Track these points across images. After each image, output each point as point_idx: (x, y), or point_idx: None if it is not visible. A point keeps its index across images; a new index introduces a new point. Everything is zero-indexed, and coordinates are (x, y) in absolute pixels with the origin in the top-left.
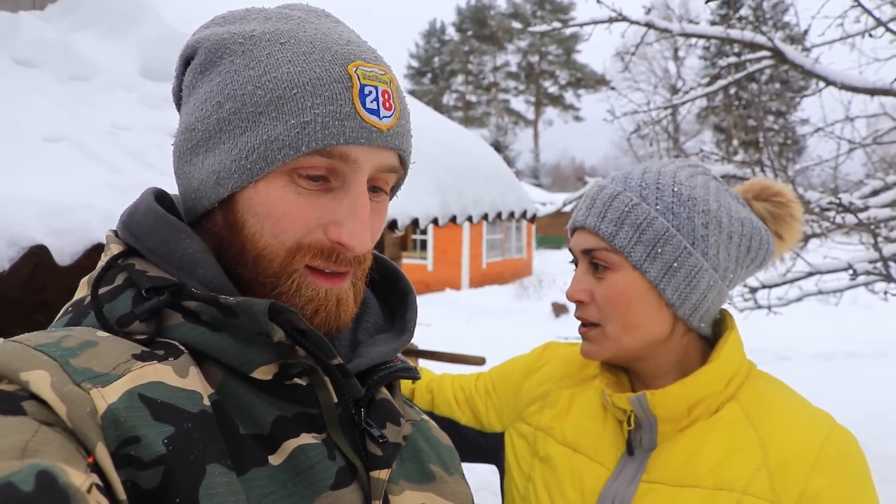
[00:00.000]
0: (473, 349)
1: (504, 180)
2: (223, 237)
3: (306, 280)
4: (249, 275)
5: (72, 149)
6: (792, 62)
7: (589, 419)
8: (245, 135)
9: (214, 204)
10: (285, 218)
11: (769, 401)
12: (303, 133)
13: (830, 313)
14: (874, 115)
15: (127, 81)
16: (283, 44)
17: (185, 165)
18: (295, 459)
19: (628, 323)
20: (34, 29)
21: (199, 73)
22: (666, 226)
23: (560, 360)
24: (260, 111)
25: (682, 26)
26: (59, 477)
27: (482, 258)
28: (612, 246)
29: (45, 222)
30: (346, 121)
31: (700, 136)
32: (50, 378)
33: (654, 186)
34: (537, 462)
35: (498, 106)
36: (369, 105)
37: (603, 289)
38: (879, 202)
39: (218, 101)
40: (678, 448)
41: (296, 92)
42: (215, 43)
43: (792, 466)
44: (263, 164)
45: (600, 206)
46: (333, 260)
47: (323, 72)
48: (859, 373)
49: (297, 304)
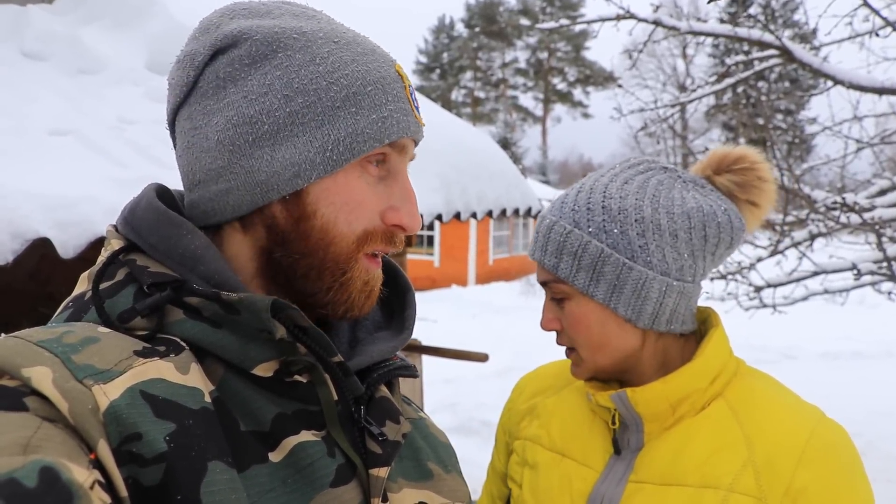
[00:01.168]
0: (479, 345)
1: (509, 177)
2: (285, 229)
3: (366, 265)
4: (318, 262)
5: (77, 142)
6: (800, 61)
7: (576, 423)
8: (323, 128)
9: (284, 196)
10: (360, 206)
11: (756, 397)
12: (383, 126)
13: (836, 313)
14: (883, 114)
15: (134, 75)
16: (337, 43)
17: (241, 159)
18: (295, 456)
19: (596, 344)
20: (42, 22)
21: (247, 64)
22: (600, 247)
23: (539, 376)
24: (337, 105)
25: (690, 24)
26: (62, 473)
27: (489, 255)
28: (558, 277)
29: (49, 215)
30: (409, 116)
31: (708, 133)
32: (52, 374)
33: (586, 208)
34: (527, 470)
35: (506, 102)
36: (416, 102)
37: (565, 317)
38: (886, 202)
39: (286, 95)
40: (665, 447)
41: (370, 89)
42: (267, 35)
43: (778, 462)
44: (349, 154)
45: (542, 239)
46: (392, 243)
47: (385, 72)
48: (865, 372)
49: (357, 288)
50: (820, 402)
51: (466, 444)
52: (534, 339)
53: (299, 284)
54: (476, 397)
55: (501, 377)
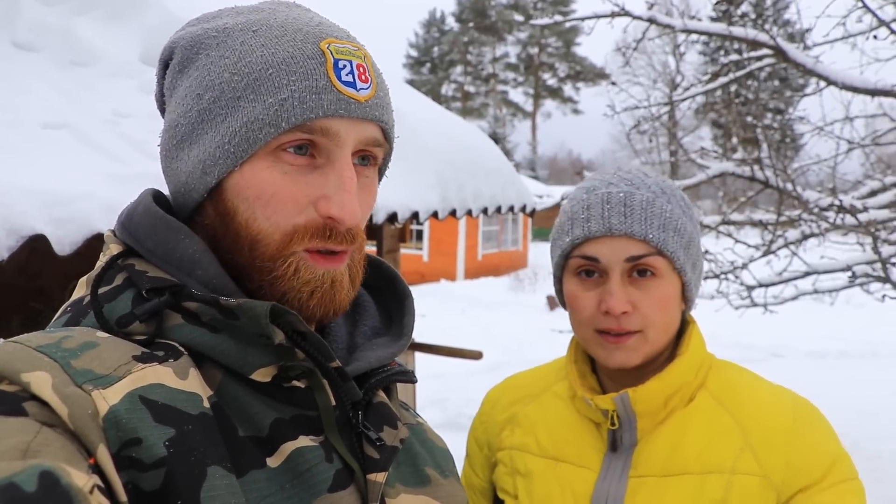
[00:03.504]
0: (468, 340)
1: (505, 174)
2: (216, 228)
3: (305, 263)
4: (246, 261)
5: (72, 136)
6: (793, 61)
7: (563, 427)
8: (226, 121)
9: (204, 195)
10: (275, 198)
11: (735, 385)
12: (281, 110)
13: (824, 312)
14: (873, 115)
15: (128, 68)
16: (255, 31)
17: (171, 162)
18: (293, 462)
19: (667, 325)
20: (34, 12)
21: (178, 72)
22: (691, 228)
23: (511, 387)
24: (238, 96)
25: (684, 22)
26: (62, 478)
27: (478, 249)
28: (661, 251)
29: (45, 212)
30: (323, 94)
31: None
32: (51, 379)
33: (667, 187)
34: (519, 479)
35: (496, 97)
36: (345, 78)
37: (650, 296)
38: (877, 203)
39: (198, 94)
40: (660, 440)
41: (271, 72)
42: (190, 41)
43: (773, 440)
44: (246, 145)
45: (640, 212)
46: (328, 237)
47: (296, 50)
48: (852, 372)
49: (293, 287)
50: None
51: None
52: (522, 335)
53: (241, 283)
54: (465, 393)
55: (491, 373)
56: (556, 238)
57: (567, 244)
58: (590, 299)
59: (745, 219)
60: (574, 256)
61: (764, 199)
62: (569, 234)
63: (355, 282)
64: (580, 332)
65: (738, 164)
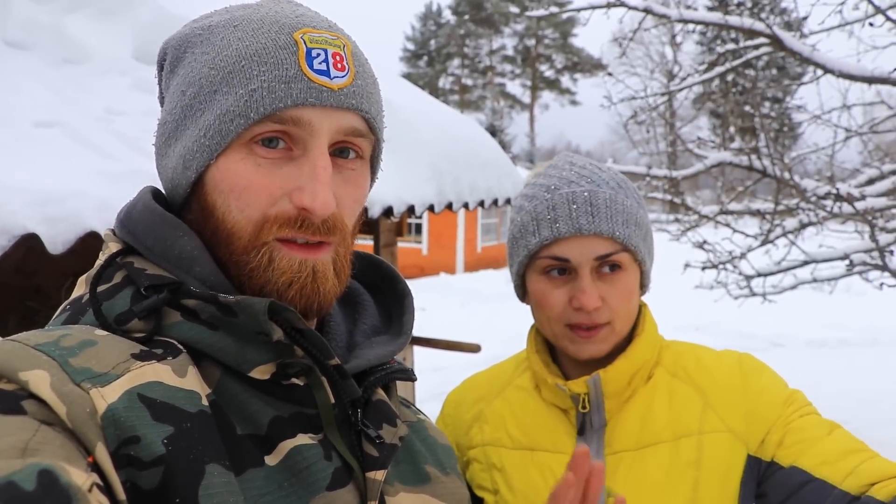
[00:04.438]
0: (468, 333)
1: (500, 166)
2: (199, 223)
3: (279, 252)
4: (225, 256)
5: (64, 134)
6: (790, 49)
7: (532, 416)
8: (203, 115)
9: (187, 191)
10: (247, 191)
11: (683, 357)
12: (251, 100)
13: (823, 300)
14: (871, 103)
15: (121, 65)
16: (236, 26)
17: (161, 160)
18: (291, 460)
19: (631, 314)
20: (26, 10)
21: (169, 72)
22: (645, 218)
23: (472, 386)
24: (215, 90)
25: (680, 12)
26: (61, 476)
27: (477, 242)
28: (626, 247)
29: (37, 210)
30: (293, 83)
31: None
32: (49, 378)
33: (622, 181)
34: (496, 473)
35: (494, 89)
36: (317, 66)
37: (617, 289)
38: (875, 191)
39: (181, 91)
40: (629, 417)
41: (243, 64)
42: (179, 41)
43: (728, 394)
44: (220, 137)
45: (605, 210)
46: (301, 227)
47: (268, 41)
48: (852, 360)
49: (269, 279)
50: (808, 390)
51: None
52: (522, 328)
53: (226, 276)
54: None
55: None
56: (520, 237)
57: (534, 244)
58: (560, 296)
59: (743, 208)
60: (542, 257)
61: (762, 188)
62: (535, 234)
63: (341, 275)
64: (549, 327)
65: (736, 154)
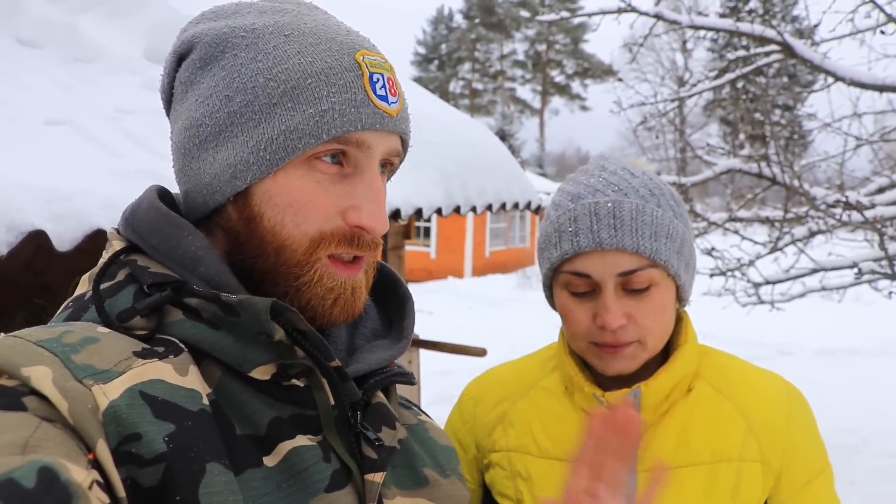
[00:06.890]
0: (475, 338)
1: (509, 171)
2: (238, 232)
3: (328, 270)
4: (271, 266)
5: (74, 132)
6: (801, 57)
7: (560, 424)
8: (260, 126)
9: (229, 198)
10: (307, 206)
11: (728, 371)
12: (322, 121)
13: (832, 309)
14: (882, 111)
15: (131, 64)
16: (288, 35)
17: (191, 162)
18: (290, 461)
19: (664, 330)
20: (38, 8)
21: (199, 68)
22: (682, 228)
23: (496, 382)
24: (274, 102)
25: (691, 18)
26: (61, 473)
27: (485, 247)
28: (654, 261)
29: (45, 208)
30: (362, 108)
31: (706, 128)
32: (51, 374)
33: (655, 188)
34: (521, 482)
35: (504, 94)
36: (379, 92)
37: (646, 306)
38: (886, 200)
39: (227, 95)
40: (666, 433)
41: (310, 82)
42: (215, 37)
43: (773, 424)
44: (284, 153)
45: (630, 222)
46: (355, 245)
47: (333, 61)
48: (861, 370)
49: (317, 294)
50: (816, 400)
51: None
52: (530, 332)
53: (263, 288)
54: None
55: None
56: (544, 248)
57: (556, 258)
58: (584, 312)
59: (752, 216)
60: (564, 272)
61: (771, 195)
62: (556, 247)
63: (368, 286)
64: (575, 343)
65: (746, 161)
